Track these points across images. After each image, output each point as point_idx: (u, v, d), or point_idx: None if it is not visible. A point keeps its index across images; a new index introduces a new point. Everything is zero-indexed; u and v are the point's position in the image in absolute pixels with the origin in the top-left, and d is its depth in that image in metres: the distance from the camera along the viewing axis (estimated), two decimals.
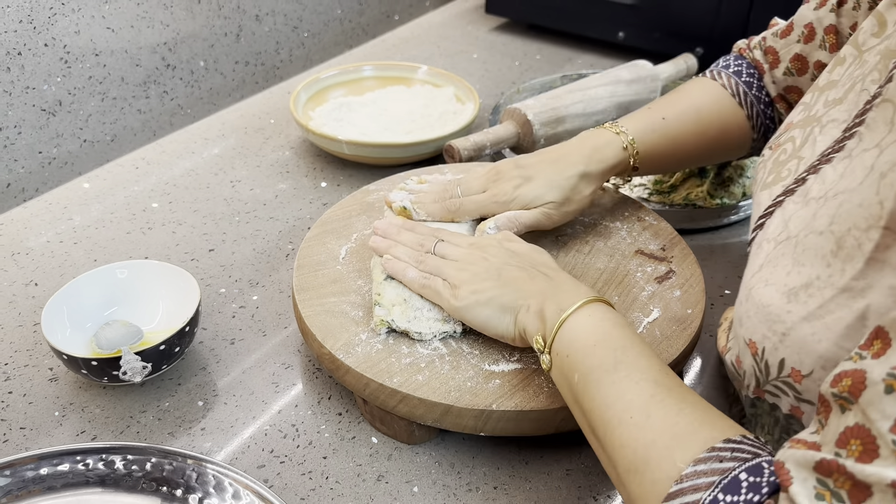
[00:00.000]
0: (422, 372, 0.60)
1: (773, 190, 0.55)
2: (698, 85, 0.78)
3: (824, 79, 0.59)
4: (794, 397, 0.48)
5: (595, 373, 0.50)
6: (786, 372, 0.47)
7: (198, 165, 0.99)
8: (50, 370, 0.68)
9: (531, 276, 0.60)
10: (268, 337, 0.73)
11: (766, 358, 0.48)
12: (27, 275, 0.80)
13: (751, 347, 0.50)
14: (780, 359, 0.47)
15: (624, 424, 0.46)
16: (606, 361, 0.50)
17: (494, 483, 0.59)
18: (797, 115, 0.59)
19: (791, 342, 0.46)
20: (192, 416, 0.65)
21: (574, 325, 0.53)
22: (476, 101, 1.03)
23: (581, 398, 0.50)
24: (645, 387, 0.47)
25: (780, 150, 0.58)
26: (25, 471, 0.56)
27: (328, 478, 0.59)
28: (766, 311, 0.48)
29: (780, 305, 0.47)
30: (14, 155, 0.90)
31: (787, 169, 0.55)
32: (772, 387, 0.49)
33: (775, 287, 0.48)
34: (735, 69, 0.76)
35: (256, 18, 1.15)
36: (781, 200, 0.52)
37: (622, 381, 0.48)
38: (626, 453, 0.45)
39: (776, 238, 0.50)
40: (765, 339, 0.48)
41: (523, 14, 1.39)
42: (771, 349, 0.48)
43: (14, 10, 0.84)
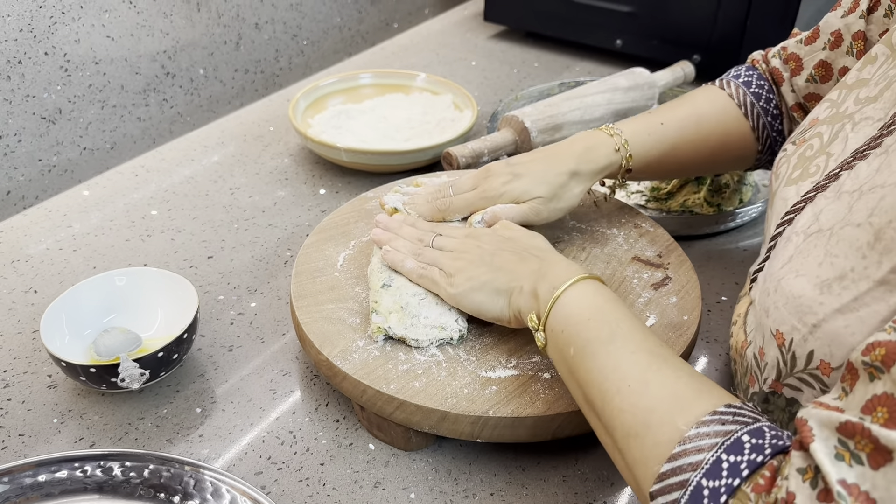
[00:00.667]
0: (419, 378, 0.60)
1: (800, 186, 0.55)
2: (704, 93, 0.78)
3: (853, 76, 0.58)
4: (821, 390, 0.47)
5: (591, 345, 0.51)
6: (814, 364, 0.47)
7: (197, 173, 0.99)
8: (49, 377, 0.69)
9: (523, 259, 0.61)
10: (266, 344, 0.73)
11: (793, 349, 0.48)
12: (26, 282, 0.80)
13: (777, 338, 0.49)
14: (809, 350, 0.47)
15: (622, 392, 0.47)
16: (602, 334, 0.51)
17: (491, 490, 0.60)
18: (823, 111, 0.59)
19: (822, 334, 0.46)
20: (190, 422, 0.65)
21: (568, 300, 0.55)
22: (474, 108, 1.04)
23: (577, 370, 0.52)
24: (641, 357, 0.48)
25: (806, 145, 0.58)
26: (24, 478, 0.56)
27: (325, 484, 0.60)
28: (796, 302, 0.47)
29: (811, 297, 0.46)
30: (14, 163, 0.90)
31: (815, 165, 0.55)
32: (795, 379, 0.49)
33: (807, 278, 0.47)
34: (745, 79, 0.76)
35: (256, 27, 1.15)
36: (812, 196, 0.52)
37: (618, 352, 0.49)
38: (625, 418, 0.46)
39: (805, 231, 0.50)
40: (793, 331, 0.48)
41: (521, 22, 1.40)
42: (800, 340, 0.47)
43: (14, 18, 0.85)
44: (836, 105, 0.58)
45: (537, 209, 0.71)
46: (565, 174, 0.71)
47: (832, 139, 0.55)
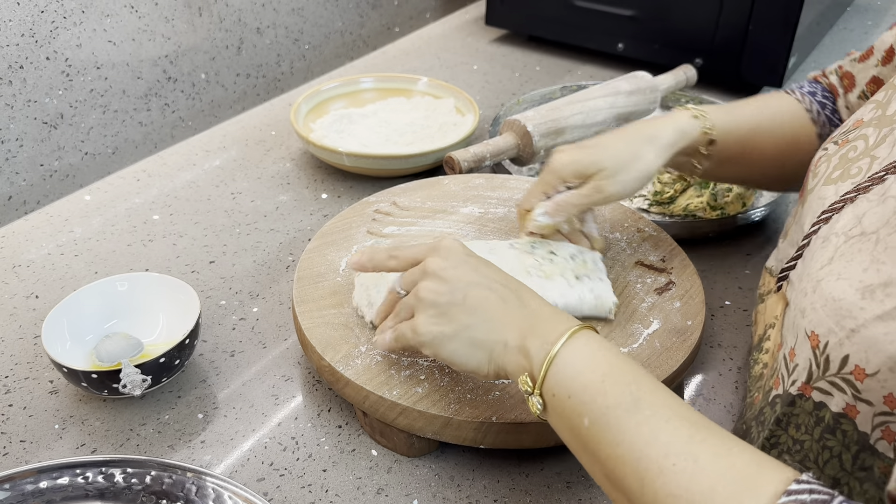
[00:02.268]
0: (421, 384, 0.60)
1: (840, 186, 0.54)
2: (773, 95, 0.77)
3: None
4: (852, 395, 0.46)
5: (611, 414, 0.44)
6: (848, 369, 0.46)
7: (199, 177, 0.99)
8: (50, 383, 0.68)
9: (503, 300, 0.53)
10: (268, 349, 0.73)
11: (827, 352, 0.47)
12: (28, 287, 0.80)
13: (811, 340, 0.48)
14: (845, 355, 0.46)
15: (667, 473, 0.41)
16: (623, 399, 0.44)
17: (495, 496, 0.59)
18: (868, 112, 0.58)
19: (860, 339, 0.45)
20: (192, 428, 0.65)
21: (568, 358, 0.48)
22: (476, 112, 1.04)
23: (596, 445, 0.45)
24: (679, 426, 0.42)
25: (849, 146, 0.56)
26: (25, 484, 0.56)
27: (328, 491, 0.59)
28: (836, 305, 0.46)
29: (852, 301, 0.45)
30: (16, 168, 0.90)
31: (857, 166, 0.54)
32: (826, 383, 0.47)
33: (849, 282, 0.46)
34: (810, 90, 0.76)
35: (257, 31, 1.15)
36: (853, 197, 0.51)
37: (650, 422, 0.43)
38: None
39: (847, 233, 0.49)
40: (830, 333, 0.46)
41: (523, 26, 1.40)
42: (835, 344, 0.46)
43: (16, 23, 0.85)
44: (882, 106, 0.57)
45: (600, 186, 0.67)
46: (638, 140, 0.68)
47: (879, 142, 0.54)
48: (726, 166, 0.75)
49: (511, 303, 0.53)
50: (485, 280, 0.54)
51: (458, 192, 0.85)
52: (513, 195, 0.85)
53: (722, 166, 0.74)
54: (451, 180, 0.87)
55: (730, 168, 0.75)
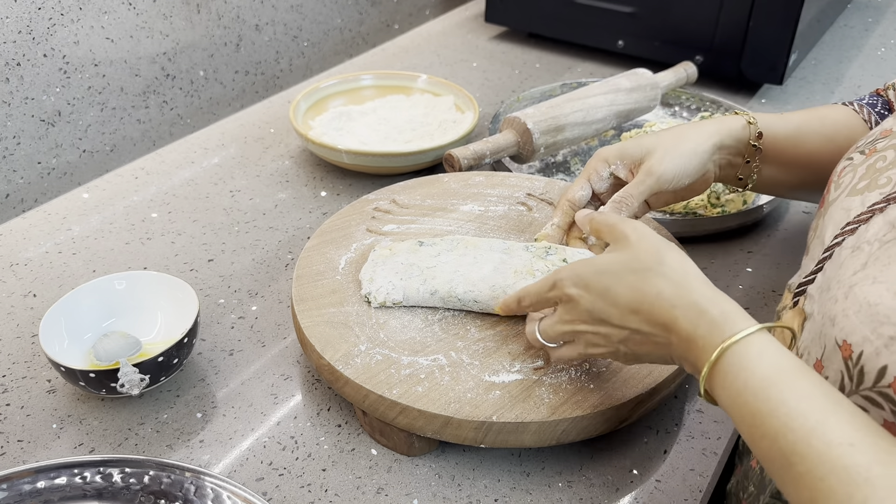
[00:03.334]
0: (421, 383, 0.60)
1: (867, 196, 0.51)
2: (828, 107, 0.76)
3: None
4: (890, 410, 0.43)
5: (768, 466, 0.43)
6: (886, 381, 0.42)
7: (197, 175, 0.99)
8: (48, 382, 0.68)
9: (649, 340, 0.52)
10: (267, 348, 0.72)
11: (861, 363, 0.44)
12: (25, 286, 0.79)
13: (843, 350, 0.45)
14: (882, 366, 0.42)
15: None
16: (773, 455, 0.42)
17: (495, 496, 0.59)
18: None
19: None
20: (191, 428, 0.64)
21: (721, 401, 0.46)
22: (476, 109, 1.03)
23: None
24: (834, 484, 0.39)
25: (878, 156, 0.54)
26: (22, 484, 0.56)
27: (327, 490, 0.59)
28: (871, 311, 0.43)
29: (891, 306, 0.42)
30: (13, 165, 0.90)
31: (885, 177, 0.51)
32: (860, 398, 0.44)
33: (886, 286, 0.43)
34: (869, 101, 0.75)
35: (256, 28, 1.15)
36: (883, 206, 0.49)
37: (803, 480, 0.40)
38: None
39: (881, 239, 0.47)
40: (865, 342, 0.43)
41: (523, 23, 1.39)
42: (871, 353, 0.43)
43: (13, 20, 0.84)
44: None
45: (650, 168, 0.68)
46: (681, 127, 0.70)
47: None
48: (778, 168, 0.74)
49: (661, 342, 0.51)
50: (628, 328, 0.52)
51: (457, 189, 0.85)
52: (513, 193, 0.84)
53: (773, 168, 0.73)
54: (451, 178, 0.87)
55: (782, 171, 0.74)
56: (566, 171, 1.00)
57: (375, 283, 0.68)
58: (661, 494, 0.59)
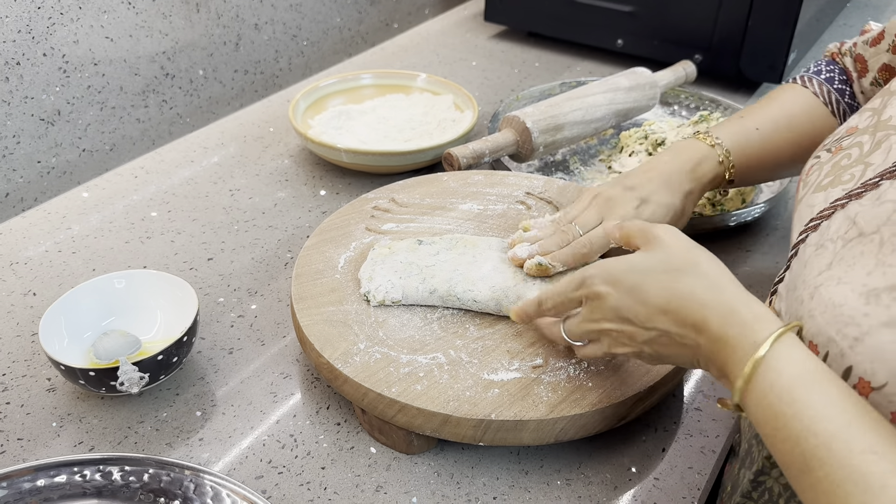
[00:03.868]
0: (420, 381, 0.60)
1: (830, 192, 0.52)
2: (789, 92, 0.76)
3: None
4: None
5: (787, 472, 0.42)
6: (851, 382, 0.42)
7: (197, 174, 0.99)
8: (48, 380, 0.68)
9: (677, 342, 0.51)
10: (266, 346, 0.72)
11: (828, 364, 0.44)
12: (25, 284, 0.79)
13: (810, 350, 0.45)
14: (847, 366, 0.42)
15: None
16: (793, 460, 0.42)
17: (494, 493, 0.59)
18: (864, 120, 0.56)
19: (864, 349, 0.41)
20: (190, 426, 0.64)
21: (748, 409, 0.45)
22: (475, 108, 1.03)
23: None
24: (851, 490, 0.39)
25: (843, 154, 0.55)
26: (22, 482, 0.56)
27: (326, 488, 0.59)
28: (836, 312, 0.43)
29: (855, 307, 0.42)
30: (13, 164, 0.90)
31: (849, 173, 0.52)
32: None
33: (850, 286, 0.43)
34: (827, 76, 0.74)
35: (255, 27, 1.15)
36: (844, 203, 0.49)
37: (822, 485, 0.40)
38: None
39: (843, 236, 0.47)
40: (830, 343, 0.43)
41: (522, 22, 1.40)
42: (836, 355, 0.43)
43: (13, 19, 0.84)
44: (877, 113, 0.55)
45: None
46: (682, 196, 0.71)
47: (873, 148, 0.52)
48: (747, 176, 0.76)
49: (689, 344, 0.50)
50: (655, 329, 0.52)
51: (456, 188, 0.85)
52: (512, 191, 0.84)
53: (741, 182, 0.76)
54: (450, 177, 0.87)
55: (750, 176, 0.76)
56: (565, 169, 1.00)
57: (374, 282, 0.68)
58: (659, 492, 0.60)
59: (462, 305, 0.67)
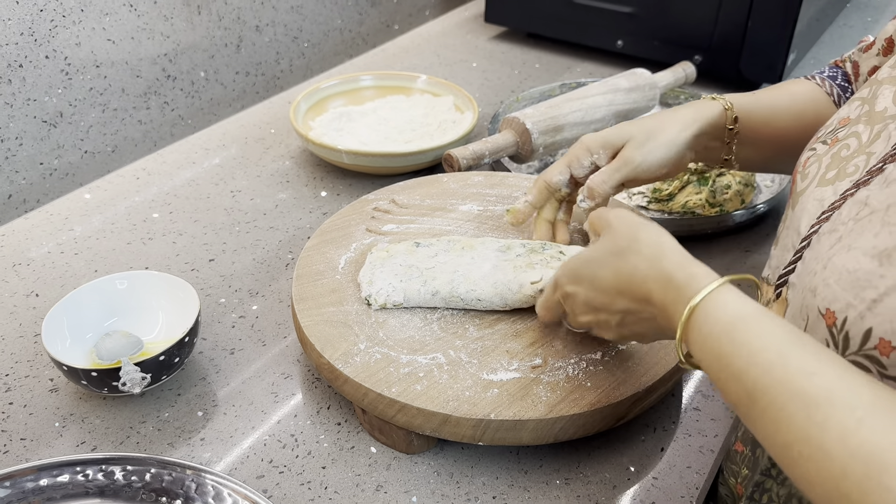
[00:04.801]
0: (420, 381, 0.60)
1: (838, 185, 0.52)
2: (792, 82, 0.78)
3: (885, 73, 0.57)
4: (878, 372, 0.43)
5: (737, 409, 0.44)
6: (871, 343, 0.43)
7: (198, 176, 0.99)
8: (50, 381, 0.69)
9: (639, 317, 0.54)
10: (267, 347, 0.73)
11: (846, 329, 0.44)
12: (28, 285, 0.80)
13: (827, 318, 0.46)
14: (867, 328, 0.43)
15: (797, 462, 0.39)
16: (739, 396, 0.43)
17: (493, 493, 0.59)
18: (854, 110, 0.57)
19: (883, 309, 0.42)
20: (192, 426, 0.65)
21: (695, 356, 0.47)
22: (475, 110, 1.04)
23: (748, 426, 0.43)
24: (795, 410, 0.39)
25: (841, 145, 0.55)
26: (25, 482, 0.56)
27: (327, 488, 0.59)
28: (852, 277, 0.44)
29: (869, 269, 0.43)
30: (15, 166, 0.90)
31: (853, 165, 0.52)
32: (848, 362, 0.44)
33: (861, 250, 0.44)
34: (829, 74, 0.76)
35: (256, 29, 1.15)
36: (853, 192, 0.50)
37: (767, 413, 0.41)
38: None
39: (855, 217, 0.47)
40: (849, 308, 0.44)
41: (522, 23, 1.40)
42: (855, 318, 0.43)
43: (15, 22, 0.85)
44: (868, 102, 0.56)
45: (627, 156, 0.69)
46: (661, 116, 0.71)
47: (873, 139, 0.53)
48: (752, 148, 0.75)
49: (647, 317, 0.53)
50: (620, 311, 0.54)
51: (457, 189, 0.85)
52: (512, 192, 0.85)
53: (748, 148, 0.75)
54: (450, 178, 0.87)
55: (755, 150, 0.75)
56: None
57: (375, 286, 0.68)
58: (658, 492, 0.60)
59: (465, 306, 0.68)
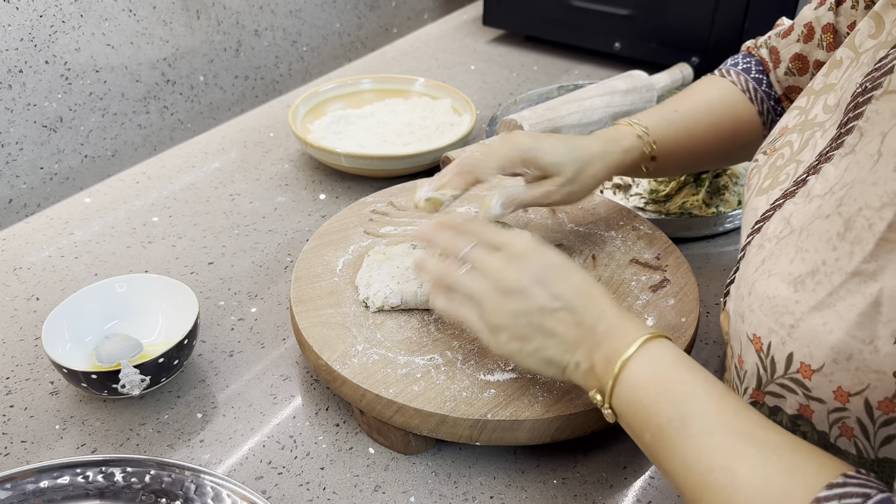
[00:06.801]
0: (417, 382, 0.61)
1: (770, 195, 0.54)
2: (708, 82, 0.78)
3: (820, 82, 0.58)
4: (804, 395, 0.45)
5: (665, 431, 0.46)
6: (794, 367, 0.44)
7: (198, 179, 1.00)
8: (51, 384, 0.69)
9: (578, 324, 0.52)
10: (266, 349, 0.73)
11: (771, 354, 0.46)
12: (28, 289, 0.80)
13: (755, 343, 0.47)
14: (788, 353, 0.45)
15: (711, 488, 0.42)
16: (673, 418, 0.45)
17: (491, 493, 0.60)
18: (792, 119, 0.58)
19: (800, 334, 0.43)
20: (191, 428, 0.65)
21: (629, 376, 0.49)
22: (473, 112, 1.04)
23: (659, 459, 0.47)
24: (721, 439, 0.43)
25: (777, 154, 0.56)
26: (26, 484, 0.57)
27: (325, 489, 0.60)
28: (771, 303, 0.46)
29: (786, 296, 0.45)
30: (16, 171, 0.91)
31: (784, 173, 0.54)
32: (776, 386, 0.47)
33: (779, 277, 0.46)
34: (744, 66, 0.76)
35: (255, 33, 1.16)
36: (781, 203, 0.51)
37: (696, 438, 0.44)
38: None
39: (777, 235, 0.49)
40: (771, 333, 0.46)
41: (520, 26, 1.40)
42: (778, 343, 0.45)
43: (15, 28, 0.86)
44: (804, 112, 0.57)
45: (550, 193, 0.67)
46: (592, 150, 0.69)
47: (802, 147, 0.54)
48: (671, 164, 0.76)
49: (586, 324, 0.52)
50: (561, 302, 0.53)
51: None
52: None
53: (667, 165, 0.76)
54: None
55: (674, 164, 0.76)
56: None
57: (373, 288, 0.68)
58: (654, 490, 0.60)
59: None
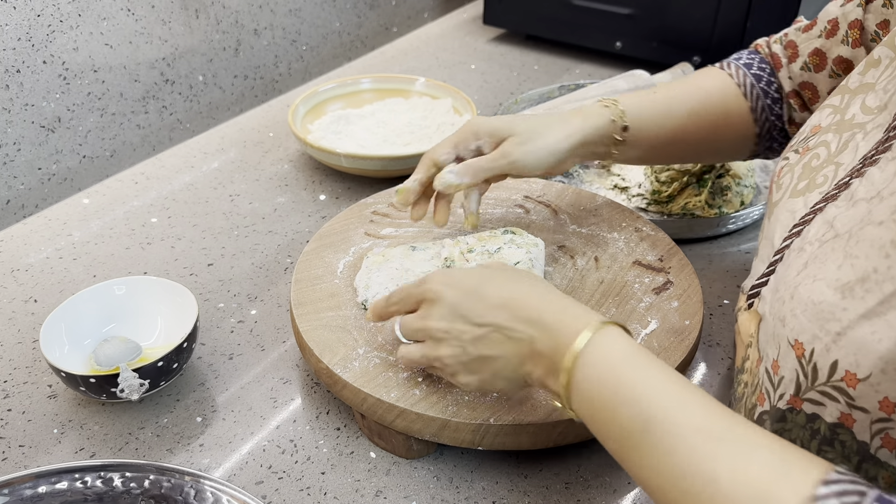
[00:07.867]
0: (419, 386, 0.60)
1: (808, 197, 0.52)
2: (704, 72, 0.78)
3: (856, 80, 0.56)
4: (846, 403, 0.43)
5: (626, 439, 0.44)
6: (838, 375, 0.43)
7: (197, 180, 0.99)
8: (49, 387, 0.69)
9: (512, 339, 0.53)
10: (266, 352, 0.73)
11: (814, 360, 0.44)
12: (26, 291, 0.80)
13: (796, 349, 0.46)
14: (833, 361, 0.43)
15: (688, 496, 0.40)
16: (634, 423, 0.44)
17: (493, 497, 0.59)
18: (825, 118, 0.57)
19: (847, 342, 0.42)
20: (191, 432, 0.65)
21: (580, 381, 0.48)
22: (474, 112, 1.03)
23: (627, 465, 0.45)
24: (695, 443, 0.41)
25: (811, 154, 0.55)
26: (24, 489, 0.56)
27: (326, 493, 0.59)
28: (816, 309, 0.44)
29: (833, 302, 0.43)
30: (13, 171, 0.90)
31: (822, 175, 0.53)
32: (817, 393, 0.45)
33: (825, 282, 0.44)
34: (746, 62, 0.76)
35: (255, 32, 1.15)
36: (822, 206, 0.50)
37: (663, 443, 0.42)
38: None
39: (820, 239, 0.48)
40: (815, 340, 0.44)
41: (521, 25, 1.40)
42: (822, 350, 0.44)
43: (13, 27, 0.85)
44: (839, 111, 0.56)
45: (506, 151, 0.68)
46: (550, 119, 0.70)
47: (841, 149, 0.53)
48: (647, 143, 0.74)
49: (518, 335, 0.52)
50: (489, 324, 0.53)
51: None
52: (510, 195, 0.85)
53: (643, 143, 0.74)
54: None
55: (652, 143, 0.75)
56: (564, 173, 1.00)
57: (372, 290, 0.68)
58: None
59: None
